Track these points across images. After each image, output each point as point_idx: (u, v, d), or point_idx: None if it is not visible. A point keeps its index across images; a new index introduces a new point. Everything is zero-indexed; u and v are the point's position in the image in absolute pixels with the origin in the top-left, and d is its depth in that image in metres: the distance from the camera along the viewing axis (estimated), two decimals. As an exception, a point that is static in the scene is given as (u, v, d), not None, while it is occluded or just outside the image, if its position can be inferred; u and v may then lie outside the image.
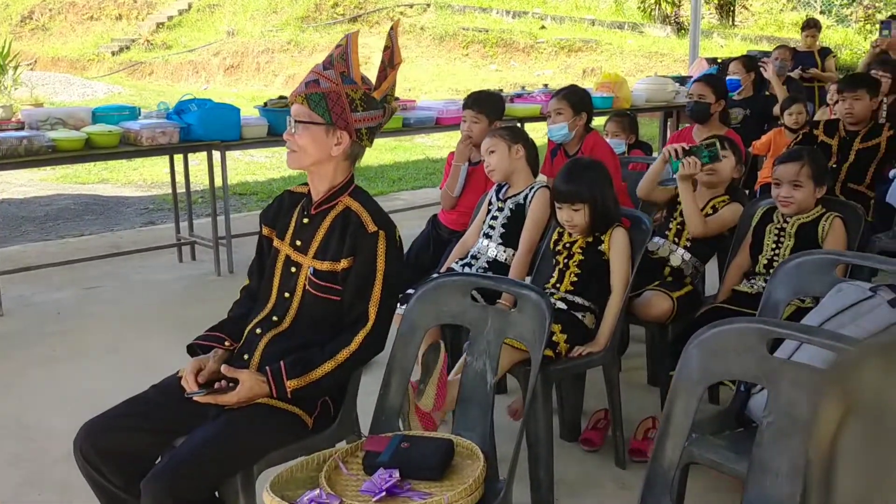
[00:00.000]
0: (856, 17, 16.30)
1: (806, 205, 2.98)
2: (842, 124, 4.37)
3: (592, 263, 2.85)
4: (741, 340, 1.73)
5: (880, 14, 15.88)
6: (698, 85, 4.46)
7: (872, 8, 16.07)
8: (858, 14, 15.88)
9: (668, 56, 15.53)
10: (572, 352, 2.70)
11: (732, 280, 3.10)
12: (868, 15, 16.13)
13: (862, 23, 15.96)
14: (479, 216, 3.35)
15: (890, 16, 7.39)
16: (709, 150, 3.13)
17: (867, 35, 14.42)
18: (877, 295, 2.11)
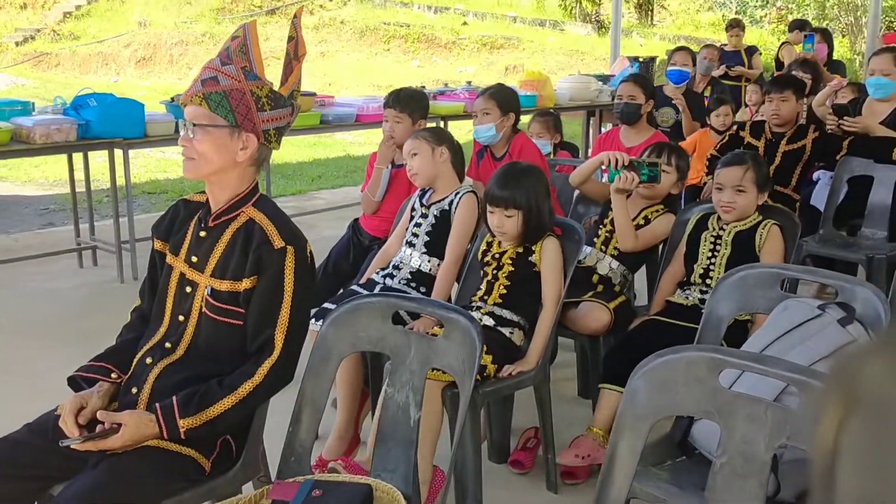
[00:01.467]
0: (769, 18, 16.67)
1: (747, 211, 2.86)
2: (768, 126, 4.31)
3: (523, 275, 2.67)
4: (690, 371, 1.56)
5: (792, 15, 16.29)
6: (628, 85, 4.32)
7: (785, 9, 16.47)
8: (772, 15, 16.24)
9: (588, 54, 15.59)
10: (501, 372, 2.51)
11: (666, 290, 2.97)
12: (781, 16, 16.52)
13: (775, 24, 16.32)
14: (401, 223, 3.13)
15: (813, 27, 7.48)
16: (650, 168, 2.98)
17: (780, 36, 14.73)
18: (825, 313, 1.99)
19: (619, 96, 4.32)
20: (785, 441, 1.47)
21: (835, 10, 15.65)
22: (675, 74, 5.85)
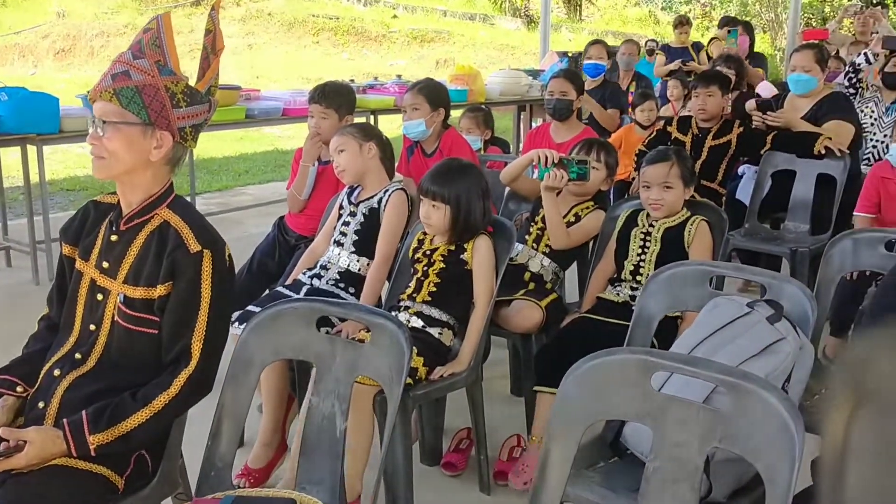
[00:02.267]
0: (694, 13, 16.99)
1: (675, 207, 2.87)
2: (694, 121, 4.36)
3: (454, 273, 2.62)
4: (622, 374, 1.53)
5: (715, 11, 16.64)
6: (559, 81, 4.31)
7: (709, 6, 16.81)
8: (696, 11, 16.56)
9: (519, 49, 15.65)
10: (432, 374, 2.45)
11: (597, 287, 2.95)
12: (705, 12, 16.86)
13: (699, 20, 16.64)
14: (328, 221, 3.05)
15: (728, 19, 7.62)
16: (579, 166, 2.95)
17: (704, 31, 15.04)
18: (754, 311, 1.99)
19: (551, 92, 4.31)
20: (717, 444, 1.45)
21: (756, 6, 16.04)
22: (590, 68, 5.89)
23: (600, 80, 5.85)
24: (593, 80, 5.85)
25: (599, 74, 5.82)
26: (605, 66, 5.84)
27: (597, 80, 5.83)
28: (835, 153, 4.11)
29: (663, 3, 18.08)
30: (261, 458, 2.70)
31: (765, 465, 1.38)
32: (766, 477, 1.37)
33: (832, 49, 7.60)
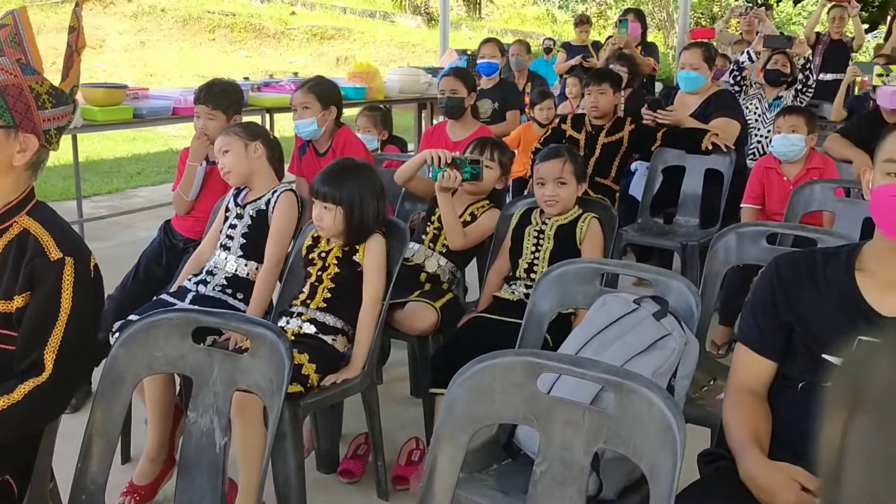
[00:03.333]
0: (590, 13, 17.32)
1: (569, 203, 2.88)
2: (587, 119, 4.41)
3: (348, 276, 2.55)
4: (508, 377, 1.50)
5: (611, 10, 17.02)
6: (449, 79, 4.29)
7: (604, 4, 17.18)
8: (592, 10, 16.90)
9: (420, 47, 15.64)
10: (325, 381, 2.39)
11: (493, 286, 2.94)
12: (601, 11, 17.23)
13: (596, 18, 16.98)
14: (214, 225, 2.93)
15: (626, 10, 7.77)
16: (472, 166, 2.93)
17: (601, 30, 15.35)
18: (641, 308, 2.00)
19: (442, 91, 4.29)
20: (602, 445, 1.44)
21: (649, 5, 16.49)
22: (484, 67, 5.86)
23: (496, 79, 5.84)
24: (489, 78, 5.84)
25: (494, 73, 5.80)
26: (498, 64, 5.82)
27: (493, 79, 5.82)
28: (721, 149, 4.22)
29: (560, 2, 18.39)
30: (146, 475, 2.58)
31: (648, 463, 1.38)
32: (650, 475, 1.37)
33: (721, 48, 7.87)
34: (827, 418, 0.51)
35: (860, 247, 1.74)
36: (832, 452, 0.51)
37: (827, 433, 0.51)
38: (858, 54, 8.11)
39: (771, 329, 1.74)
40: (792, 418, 1.69)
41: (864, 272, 1.69)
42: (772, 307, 1.74)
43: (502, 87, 5.83)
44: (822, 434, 0.51)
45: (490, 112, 5.67)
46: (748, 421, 1.67)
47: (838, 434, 0.51)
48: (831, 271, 1.71)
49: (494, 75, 5.80)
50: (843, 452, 0.50)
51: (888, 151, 1.63)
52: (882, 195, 1.61)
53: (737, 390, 1.76)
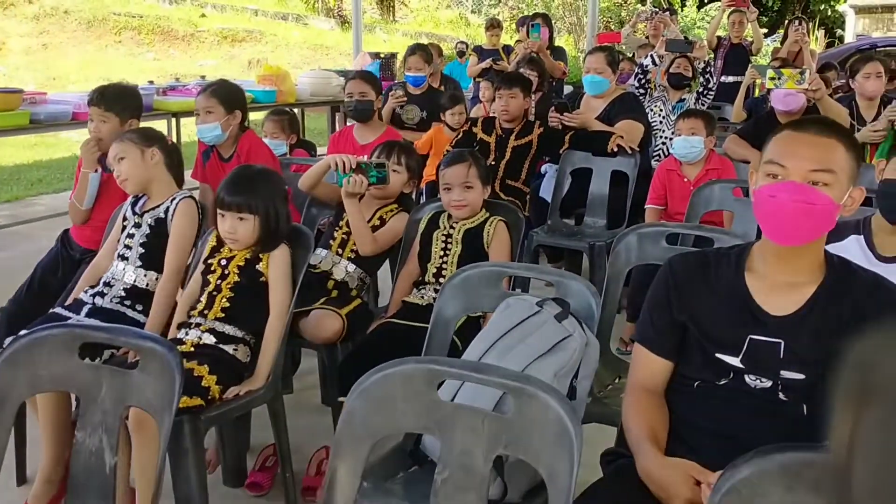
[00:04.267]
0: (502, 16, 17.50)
1: (476, 206, 2.89)
2: (498, 122, 4.44)
3: (249, 285, 2.49)
4: (408, 385, 1.49)
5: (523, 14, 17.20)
6: (357, 83, 4.27)
7: (517, 9, 17.37)
8: (505, 14, 17.08)
9: (333, 49, 15.53)
10: (227, 393, 2.33)
11: (402, 291, 2.93)
12: (514, 15, 17.39)
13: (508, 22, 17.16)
14: (111, 234, 2.83)
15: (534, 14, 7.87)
16: (378, 170, 2.91)
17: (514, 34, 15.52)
18: (543, 310, 2.02)
19: (350, 94, 4.26)
20: (502, 450, 1.44)
21: (560, 9, 16.76)
22: (411, 80, 5.72)
23: (426, 87, 5.78)
24: (417, 87, 5.72)
25: (421, 83, 5.71)
26: (424, 76, 5.72)
27: (422, 87, 5.74)
28: (626, 151, 4.31)
29: (473, 6, 18.52)
30: (42, 496, 2.47)
31: (546, 466, 1.38)
32: (548, 477, 1.38)
33: (628, 51, 8.06)
34: (836, 414, 0.52)
35: (750, 247, 1.78)
36: (842, 449, 0.51)
37: (837, 429, 0.51)
38: (758, 57, 8.40)
39: (666, 329, 1.77)
40: (688, 415, 1.73)
41: (752, 272, 1.73)
42: (666, 307, 1.77)
43: (432, 96, 5.75)
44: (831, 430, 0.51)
45: (417, 119, 5.63)
46: (645, 419, 1.70)
47: (848, 430, 0.51)
48: (722, 272, 1.75)
49: (423, 84, 5.71)
50: (854, 449, 0.50)
51: (769, 153, 1.68)
52: (761, 196, 1.65)
53: (635, 389, 1.78)
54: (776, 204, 1.61)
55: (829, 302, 1.66)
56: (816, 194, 1.60)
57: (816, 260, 1.71)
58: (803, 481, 1.20)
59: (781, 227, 1.63)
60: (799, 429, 1.64)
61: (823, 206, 1.61)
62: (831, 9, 18.47)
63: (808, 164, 1.61)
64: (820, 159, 1.61)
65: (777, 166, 1.63)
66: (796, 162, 1.61)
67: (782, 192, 1.61)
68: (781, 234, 1.64)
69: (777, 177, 1.63)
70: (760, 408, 1.67)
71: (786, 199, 1.60)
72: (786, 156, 1.63)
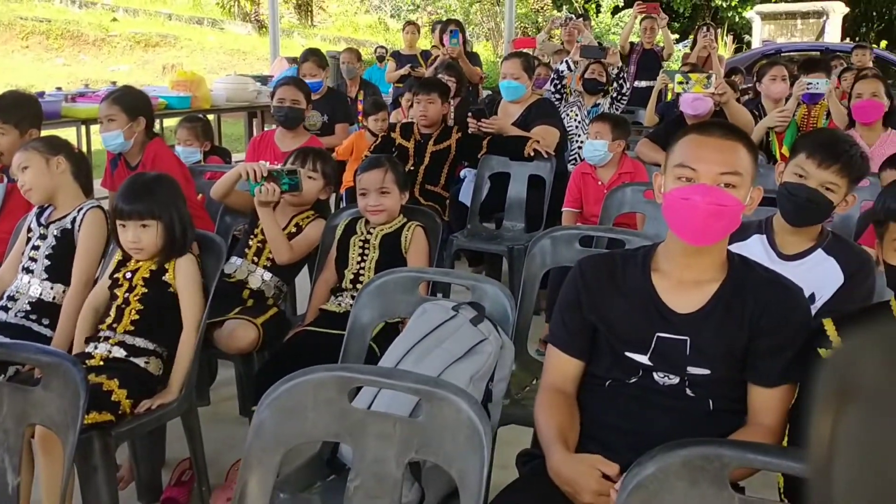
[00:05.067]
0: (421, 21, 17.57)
1: (394, 211, 2.89)
2: (416, 127, 4.45)
3: (157, 297, 2.43)
4: (319, 393, 1.48)
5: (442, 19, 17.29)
6: (290, 89, 4.21)
7: (436, 14, 17.45)
8: (424, 19, 17.12)
9: (251, 54, 15.31)
10: (138, 407, 2.27)
11: (320, 298, 2.90)
12: (432, 20, 17.47)
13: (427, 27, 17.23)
14: (16, 246, 2.73)
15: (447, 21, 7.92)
16: (290, 177, 2.87)
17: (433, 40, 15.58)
18: (459, 314, 2.03)
19: (281, 100, 4.20)
20: (414, 455, 1.44)
21: (478, 15, 16.90)
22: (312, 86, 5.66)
23: (324, 91, 5.73)
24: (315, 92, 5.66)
25: (318, 88, 5.64)
26: (321, 81, 5.66)
27: (320, 91, 5.68)
28: (543, 155, 4.37)
29: (392, 10, 18.52)
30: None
31: (458, 469, 1.39)
32: (460, 481, 1.39)
33: (544, 57, 8.18)
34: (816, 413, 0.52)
35: (655, 248, 1.83)
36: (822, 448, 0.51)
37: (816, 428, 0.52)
38: (670, 63, 8.64)
39: (577, 329, 1.80)
40: (600, 415, 1.77)
41: (659, 272, 1.78)
42: (577, 308, 1.80)
43: (331, 99, 5.72)
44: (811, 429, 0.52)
45: (319, 124, 5.59)
46: (555, 419, 1.72)
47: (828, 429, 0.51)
48: (630, 272, 1.79)
49: (321, 89, 5.65)
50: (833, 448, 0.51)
51: (678, 157, 1.73)
52: (673, 199, 1.70)
53: (547, 389, 1.81)
54: (689, 206, 1.66)
55: (731, 298, 1.72)
56: (726, 196, 1.66)
57: (719, 259, 1.77)
58: (706, 475, 1.24)
59: (694, 228, 1.68)
60: (706, 423, 1.70)
61: (732, 207, 1.67)
62: (739, 15, 19.11)
63: (718, 167, 1.67)
64: (727, 162, 1.67)
65: (688, 169, 1.68)
66: (706, 165, 1.67)
67: (695, 194, 1.66)
68: (694, 234, 1.69)
69: (688, 180, 1.68)
70: (669, 404, 1.72)
71: (699, 202, 1.65)
72: (695, 159, 1.68)
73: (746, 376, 1.71)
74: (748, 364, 1.70)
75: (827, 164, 2.20)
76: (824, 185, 2.21)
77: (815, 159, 2.21)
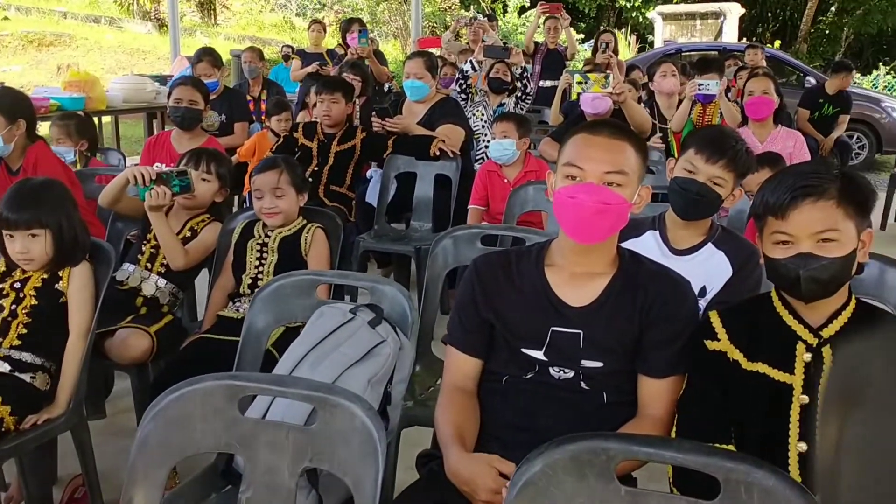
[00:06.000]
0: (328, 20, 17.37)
1: (291, 214, 2.83)
2: (320, 127, 4.39)
3: (48, 308, 2.32)
4: (207, 403, 1.43)
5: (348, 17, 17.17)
6: (188, 89, 4.11)
7: (342, 12, 17.30)
8: (331, 18, 16.95)
9: (151, 53, 14.87)
10: (23, 423, 2.16)
11: (217, 304, 2.82)
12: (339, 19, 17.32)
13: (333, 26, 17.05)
14: None
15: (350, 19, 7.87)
16: (180, 179, 2.78)
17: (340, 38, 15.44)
18: (356, 317, 2.00)
19: (178, 100, 4.10)
20: (308, 464, 1.41)
21: (386, 13, 16.84)
22: None
23: (221, 90, 5.60)
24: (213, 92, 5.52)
25: (214, 89, 5.50)
26: (216, 81, 5.51)
27: (217, 91, 5.55)
28: (448, 154, 4.38)
29: (298, 9, 18.26)
30: None
31: (353, 476, 1.37)
32: (355, 488, 1.36)
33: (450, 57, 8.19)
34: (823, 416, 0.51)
35: (549, 244, 1.85)
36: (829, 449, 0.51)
37: (824, 430, 0.51)
38: (574, 62, 8.79)
39: (474, 328, 1.80)
40: (499, 412, 1.77)
41: (552, 267, 1.80)
42: (473, 307, 1.80)
43: (228, 98, 5.60)
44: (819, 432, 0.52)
45: (217, 125, 5.46)
46: (453, 418, 1.72)
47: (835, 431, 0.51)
48: (524, 269, 1.80)
49: (217, 89, 5.52)
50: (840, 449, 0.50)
51: (567, 155, 1.75)
52: (561, 197, 1.72)
53: (447, 389, 1.81)
54: (576, 204, 1.68)
55: (622, 292, 1.75)
56: (612, 195, 1.68)
57: (610, 253, 1.79)
58: (593, 468, 1.25)
59: (581, 226, 1.70)
60: (601, 416, 1.72)
61: (618, 206, 1.69)
62: (642, 16, 19.60)
63: (604, 166, 1.69)
64: (613, 161, 1.70)
65: (575, 168, 1.71)
66: (593, 164, 1.69)
67: (581, 193, 1.68)
68: (581, 233, 1.71)
69: (575, 178, 1.70)
70: (564, 398, 1.73)
71: (585, 200, 1.67)
72: (582, 158, 1.71)
73: (637, 367, 1.74)
74: (638, 356, 1.73)
75: (714, 160, 2.26)
76: (712, 179, 2.27)
77: (703, 155, 2.27)
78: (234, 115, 5.55)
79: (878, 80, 14.47)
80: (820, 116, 8.08)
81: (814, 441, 1.57)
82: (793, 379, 1.60)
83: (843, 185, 1.57)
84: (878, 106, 10.39)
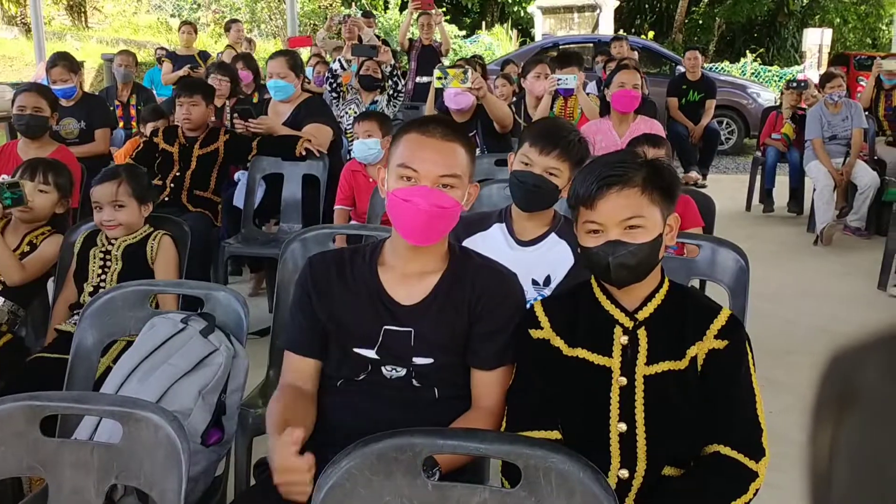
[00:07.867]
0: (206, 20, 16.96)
1: (132, 225, 2.74)
2: (181, 131, 4.28)
3: None
4: (8, 426, 1.37)
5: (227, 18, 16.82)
6: (31, 96, 3.93)
7: (219, 12, 16.92)
8: (209, 18, 16.55)
9: (18, 60, 14.18)
10: None
11: (60, 317, 2.71)
12: (216, 19, 16.93)
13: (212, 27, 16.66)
14: None
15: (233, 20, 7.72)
16: (11, 191, 2.66)
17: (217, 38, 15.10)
18: (188, 326, 1.95)
19: (22, 108, 3.92)
20: (115, 481, 1.37)
21: (265, 13, 16.56)
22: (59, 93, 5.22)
23: (79, 96, 5.36)
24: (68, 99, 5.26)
25: (71, 95, 5.25)
26: (74, 87, 5.25)
27: (74, 98, 5.30)
28: (315, 154, 4.33)
29: (173, 9, 17.75)
30: None
31: (158, 490, 1.33)
32: (159, 500, 1.33)
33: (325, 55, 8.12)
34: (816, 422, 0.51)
35: (383, 243, 1.85)
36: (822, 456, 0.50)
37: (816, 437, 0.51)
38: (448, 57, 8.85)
39: (309, 328, 1.78)
40: (336, 416, 1.76)
41: (385, 266, 1.80)
42: (308, 307, 1.78)
43: (87, 104, 5.36)
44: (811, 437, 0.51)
45: (77, 132, 5.24)
46: (280, 409, 1.67)
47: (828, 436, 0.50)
48: (357, 268, 1.80)
49: (75, 95, 5.28)
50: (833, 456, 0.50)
51: (400, 156, 1.73)
52: (396, 199, 1.70)
53: (281, 386, 1.78)
54: (411, 207, 1.67)
55: (451, 287, 1.76)
56: (446, 198, 1.69)
57: (441, 251, 1.80)
58: (400, 465, 1.26)
59: (417, 229, 1.70)
60: (432, 412, 1.73)
61: (452, 208, 1.70)
62: (523, 10, 19.93)
63: (438, 169, 1.69)
64: (447, 164, 1.70)
65: (409, 170, 1.70)
66: (427, 167, 1.69)
67: (416, 196, 1.67)
68: (417, 235, 1.71)
69: (410, 179, 1.70)
70: (397, 397, 1.74)
71: (420, 203, 1.67)
72: (416, 160, 1.70)
73: (468, 361, 1.76)
74: (469, 349, 1.75)
75: (547, 151, 2.31)
76: (548, 170, 2.31)
77: (537, 147, 2.32)
78: (95, 121, 5.32)
79: (746, 67, 15.14)
80: (687, 103, 8.40)
81: (634, 421, 1.62)
82: (611, 362, 1.65)
83: (647, 173, 1.63)
84: (745, 92, 10.90)
